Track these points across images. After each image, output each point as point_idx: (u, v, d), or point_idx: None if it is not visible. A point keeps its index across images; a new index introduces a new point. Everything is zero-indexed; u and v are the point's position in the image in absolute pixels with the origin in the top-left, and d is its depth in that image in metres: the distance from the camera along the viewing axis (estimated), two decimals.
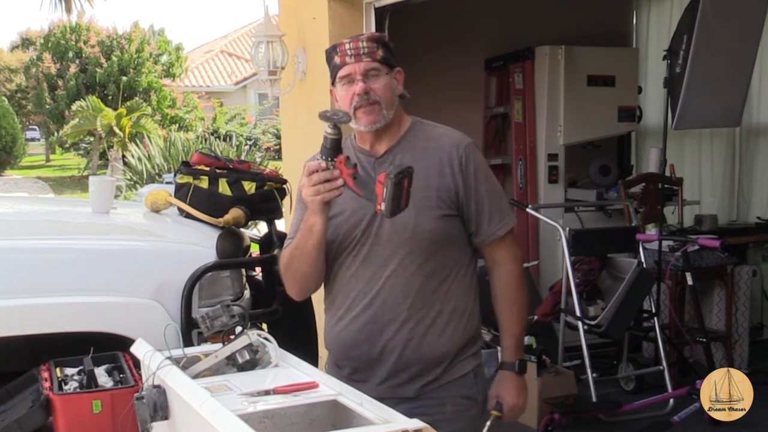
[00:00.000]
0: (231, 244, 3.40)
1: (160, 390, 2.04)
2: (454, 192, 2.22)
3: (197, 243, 3.34)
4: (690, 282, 4.81)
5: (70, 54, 22.00)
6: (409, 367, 2.24)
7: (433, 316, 2.23)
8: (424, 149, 2.25)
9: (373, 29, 4.59)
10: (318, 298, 2.68)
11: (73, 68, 21.56)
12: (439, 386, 2.26)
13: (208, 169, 3.73)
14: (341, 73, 2.22)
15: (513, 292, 2.31)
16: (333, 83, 2.27)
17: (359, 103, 2.20)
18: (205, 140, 14.07)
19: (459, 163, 2.22)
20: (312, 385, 1.97)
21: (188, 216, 3.67)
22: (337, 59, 2.23)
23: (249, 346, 2.14)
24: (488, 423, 2.27)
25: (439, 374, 2.26)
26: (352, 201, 2.25)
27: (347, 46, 2.21)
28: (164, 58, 22.85)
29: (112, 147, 18.78)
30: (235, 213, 3.59)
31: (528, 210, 5.11)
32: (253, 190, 3.70)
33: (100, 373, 2.72)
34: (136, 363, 2.54)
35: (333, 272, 2.33)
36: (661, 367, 4.75)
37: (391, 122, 2.25)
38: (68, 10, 26.90)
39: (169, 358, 2.14)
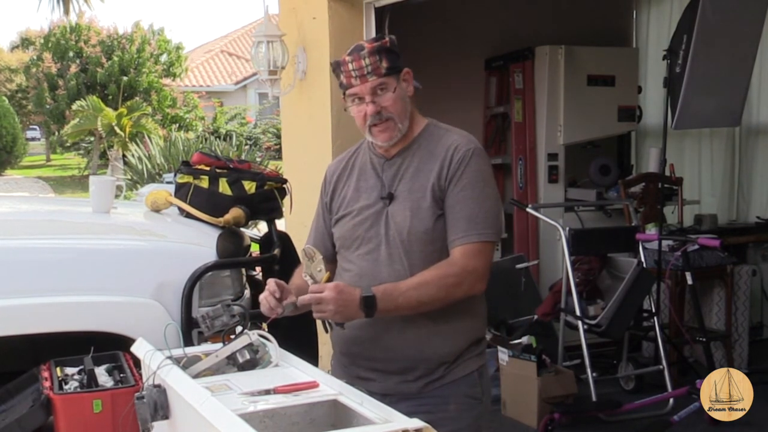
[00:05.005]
0: (231, 244, 3.40)
1: (160, 389, 2.05)
2: (440, 190, 2.21)
3: (197, 243, 3.35)
4: (690, 282, 4.80)
5: (71, 54, 22.00)
6: (412, 367, 2.25)
7: (437, 317, 2.23)
8: (431, 153, 2.26)
9: (373, 29, 4.60)
10: None
11: (73, 68, 21.56)
12: (442, 385, 2.26)
13: (208, 168, 3.73)
14: (349, 92, 2.23)
15: (438, 272, 2.14)
16: (343, 95, 2.28)
17: (373, 122, 2.22)
18: (206, 140, 14.07)
19: (450, 162, 2.21)
20: (312, 385, 1.98)
21: (188, 216, 3.68)
22: (343, 78, 2.24)
23: (249, 346, 2.14)
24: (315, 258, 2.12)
25: (443, 373, 2.26)
26: (359, 201, 2.29)
27: (350, 66, 2.20)
28: (164, 58, 22.85)
29: (113, 147, 18.78)
30: (235, 213, 3.60)
31: (528, 210, 5.12)
32: (253, 190, 3.71)
33: (101, 373, 2.72)
34: (137, 362, 2.54)
35: (340, 269, 2.36)
36: (661, 367, 4.75)
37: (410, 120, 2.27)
38: (66, 11, 26.91)
39: (169, 357, 2.14)
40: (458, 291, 2.18)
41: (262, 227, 5.74)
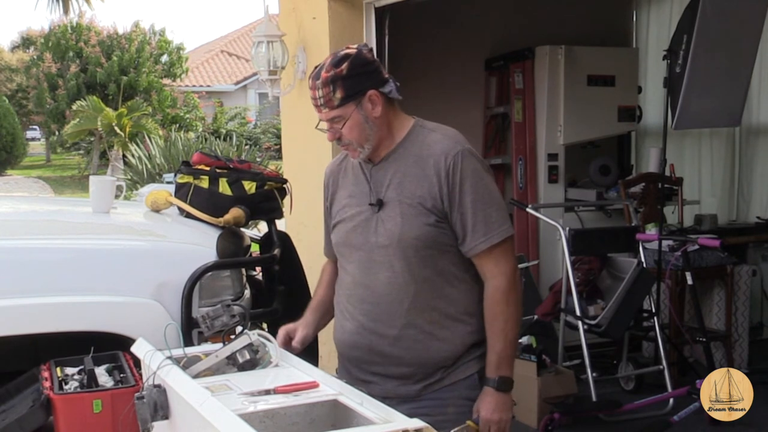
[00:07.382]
0: (231, 244, 3.40)
1: (160, 390, 2.05)
2: (440, 201, 2.19)
3: (197, 243, 3.34)
4: (690, 282, 4.80)
5: (71, 54, 22.00)
6: (410, 371, 2.25)
7: (433, 321, 2.23)
8: (417, 156, 2.23)
9: (374, 29, 4.59)
10: None
11: (73, 68, 21.56)
12: (441, 387, 2.27)
13: (208, 168, 3.73)
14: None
15: (498, 308, 2.22)
16: None
17: (337, 144, 2.27)
18: (206, 140, 14.04)
19: (446, 173, 2.18)
20: (312, 385, 1.98)
21: (188, 216, 3.67)
22: None
23: (249, 346, 2.14)
24: (456, 428, 2.18)
25: (442, 376, 2.26)
26: (352, 207, 2.28)
27: (309, 93, 2.23)
28: (165, 58, 22.86)
29: (113, 147, 18.78)
30: (235, 213, 3.59)
31: (528, 210, 5.12)
32: (253, 190, 3.70)
33: (101, 373, 2.72)
34: (137, 362, 2.54)
35: (338, 275, 2.36)
36: (661, 367, 4.75)
37: (384, 134, 2.25)
38: (66, 11, 26.90)
39: (169, 357, 2.14)
40: (518, 294, 2.25)
41: (262, 227, 5.74)
